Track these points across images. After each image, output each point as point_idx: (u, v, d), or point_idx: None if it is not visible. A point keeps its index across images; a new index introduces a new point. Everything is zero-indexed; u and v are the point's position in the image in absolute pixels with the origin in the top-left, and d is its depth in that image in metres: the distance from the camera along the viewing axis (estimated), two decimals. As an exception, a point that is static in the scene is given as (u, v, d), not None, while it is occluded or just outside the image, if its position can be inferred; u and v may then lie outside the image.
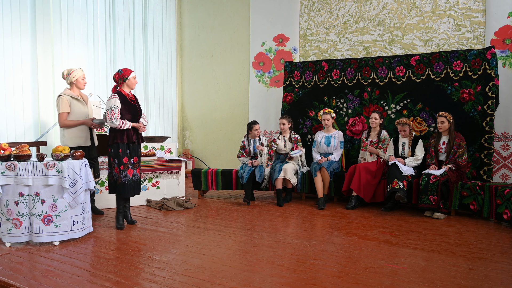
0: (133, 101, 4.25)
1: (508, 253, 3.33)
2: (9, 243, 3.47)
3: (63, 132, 4.47)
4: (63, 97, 4.44)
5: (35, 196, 3.46)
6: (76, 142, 4.48)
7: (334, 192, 5.48)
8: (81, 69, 4.58)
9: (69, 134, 4.46)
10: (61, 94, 4.46)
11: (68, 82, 4.53)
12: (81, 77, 4.53)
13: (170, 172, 5.64)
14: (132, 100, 4.25)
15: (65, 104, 4.41)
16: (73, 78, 4.48)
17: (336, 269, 2.93)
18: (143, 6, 7.66)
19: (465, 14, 5.87)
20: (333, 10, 6.89)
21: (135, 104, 4.26)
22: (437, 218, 4.57)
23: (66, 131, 4.46)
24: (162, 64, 8.13)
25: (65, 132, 4.46)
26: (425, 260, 3.14)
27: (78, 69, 4.55)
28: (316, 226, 4.29)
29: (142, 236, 3.83)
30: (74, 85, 4.52)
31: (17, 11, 5.62)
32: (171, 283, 2.64)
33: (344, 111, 6.00)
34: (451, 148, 4.77)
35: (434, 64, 5.40)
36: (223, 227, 4.19)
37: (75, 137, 4.48)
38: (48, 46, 5.99)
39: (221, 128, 8.29)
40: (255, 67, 7.62)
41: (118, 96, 4.09)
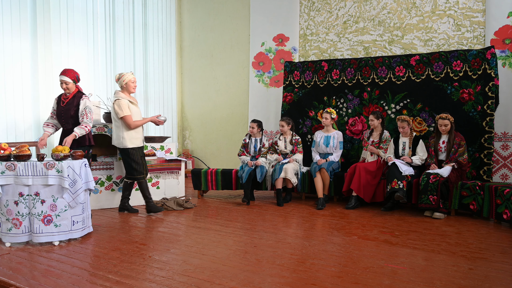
0: (62, 103, 4.31)
1: (508, 253, 3.33)
2: (9, 243, 3.47)
3: (122, 134, 4.58)
4: (122, 100, 4.57)
5: (35, 196, 3.46)
6: (135, 143, 4.65)
7: (334, 192, 5.48)
8: (132, 73, 4.71)
9: (128, 135, 4.60)
10: (119, 98, 4.57)
11: (119, 86, 4.66)
12: (131, 81, 4.65)
13: (170, 172, 5.64)
14: (63, 102, 4.31)
15: (126, 106, 4.56)
16: (123, 82, 4.61)
17: (336, 269, 2.93)
18: (143, 6, 7.66)
19: (465, 14, 5.87)
20: (333, 10, 6.88)
21: (62, 107, 4.30)
22: (437, 218, 4.57)
23: (125, 133, 4.58)
24: (162, 64, 8.13)
25: (125, 134, 4.58)
26: (425, 260, 3.14)
27: (128, 73, 4.68)
28: (316, 226, 4.29)
29: (142, 236, 3.83)
30: (124, 88, 4.65)
31: (17, 11, 5.63)
32: (171, 283, 2.64)
33: (344, 111, 6.00)
34: (451, 147, 4.77)
35: (434, 64, 5.40)
36: (223, 227, 4.19)
37: (134, 138, 4.64)
38: (48, 46, 5.99)
39: (221, 128, 8.29)
40: (255, 67, 7.62)
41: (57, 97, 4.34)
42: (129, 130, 4.62)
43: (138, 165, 4.69)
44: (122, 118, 4.58)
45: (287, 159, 5.52)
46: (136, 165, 4.68)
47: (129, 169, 4.72)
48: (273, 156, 5.64)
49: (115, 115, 4.63)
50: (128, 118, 4.58)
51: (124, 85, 4.64)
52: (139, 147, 4.72)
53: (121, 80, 4.62)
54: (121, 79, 4.63)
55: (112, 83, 7.02)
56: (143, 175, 4.74)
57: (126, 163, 4.71)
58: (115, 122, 4.68)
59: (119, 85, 4.68)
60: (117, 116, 4.60)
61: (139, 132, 4.73)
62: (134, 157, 4.66)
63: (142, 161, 4.73)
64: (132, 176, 4.73)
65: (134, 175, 4.71)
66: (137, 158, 4.68)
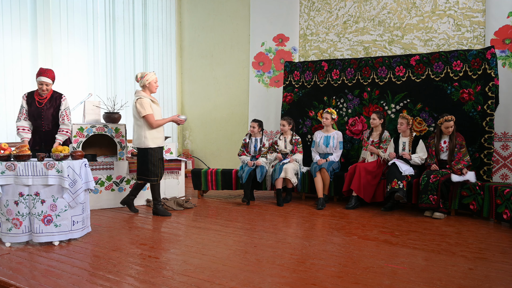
0: (39, 104, 4.26)
1: (508, 253, 3.33)
2: (9, 243, 3.47)
3: (144, 133, 4.56)
4: (144, 99, 4.54)
5: (35, 196, 3.46)
6: (157, 143, 4.63)
7: (334, 192, 5.48)
8: (154, 73, 4.68)
9: (150, 135, 4.58)
10: (140, 97, 4.55)
11: (141, 85, 4.64)
12: (154, 81, 4.64)
13: (170, 172, 5.64)
14: (40, 103, 4.26)
15: (148, 105, 4.54)
16: (146, 81, 4.59)
17: (336, 269, 2.93)
18: (143, 6, 7.66)
19: (465, 14, 5.86)
20: (333, 10, 6.88)
21: (41, 108, 4.26)
22: (437, 218, 4.57)
23: (147, 132, 4.56)
24: (162, 64, 8.13)
25: (147, 134, 4.56)
26: (425, 260, 3.14)
27: (151, 72, 4.66)
28: (316, 226, 4.29)
29: (142, 236, 3.83)
30: (147, 88, 4.62)
31: (17, 10, 5.63)
32: (171, 283, 2.64)
33: (344, 111, 6.00)
34: (453, 147, 4.77)
35: (434, 64, 5.40)
36: (223, 227, 4.19)
37: (156, 138, 4.63)
38: (48, 46, 5.99)
39: (221, 128, 8.29)
40: (255, 67, 7.62)
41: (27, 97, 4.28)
42: (151, 129, 4.59)
43: (154, 167, 4.65)
44: (144, 117, 4.54)
45: (288, 158, 5.52)
46: (152, 167, 4.63)
47: (144, 170, 4.67)
48: (272, 155, 5.64)
49: (136, 114, 4.60)
50: (150, 117, 4.55)
51: (147, 85, 4.61)
52: (160, 147, 4.70)
53: (145, 79, 4.59)
54: (144, 78, 4.59)
55: (112, 83, 7.02)
56: (157, 178, 4.70)
57: (143, 163, 4.65)
58: (136, 121, 4.63)
59: (140, 84, 4.64)
60: (139, 115, 4.57)
61: (161, 131, 4.69)
62: (152, 159, 4.63)
63: (159, 164, 4.70)
64: (146, 178, 4.68)
65: (148, 177, 4.66)
66: (155, 160, 4.65)
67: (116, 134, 5.25)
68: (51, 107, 4.32)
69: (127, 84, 7.33)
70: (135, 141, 4.65)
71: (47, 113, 4.29)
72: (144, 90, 4.64)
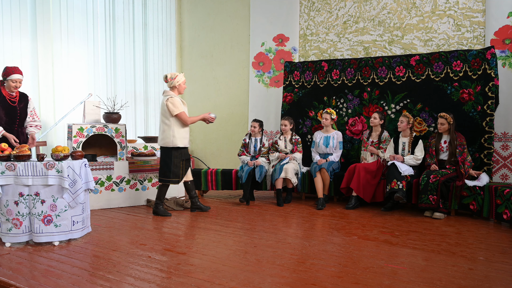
0: (13, 103, 4.25)
1: (508, 253, 3.33)
2: (9, 243, 3.47)
3: (173, 132, 4.61)
4: (175, 98, 4.62)
5: (35, 196, 3.46)
6: (184, 143, 4.70)
7: (334, 192, 5.48)
8: (183, 74, 4.77)
9: (179, 134, 4.64)
10: (171, 96, 4.62)
11: (170, 86, 4.70)
12: (183, 82, 4.73)
13: (170, 172, 5.63)
14: (13, 102, 4.25)
15: (180, 104, 4.63)
16: (177, 83, 4.68)
17: (336, 269, 2.93)
18: (143, 6, 7.66)
19: (465, 14, 5.86)
20: (333, 10, 6.88)
21: (15, 106, 4.27)
22: (437, 218, 4.57)
23: (176, 132, 4.62)
24: (162, 64, 8.13)
25: (176, 133, 4.62)
26: (425, 260, 3.14)
27: (181, 74, 4.74)
28: (316, 226, 4.29)
29: (142, 236, 3.83)
30: (176, 88, 4.70)
31: (17, 10, 5.63)
32: (171, 283, 2.64)
33: (344, 111, 6.00)
34: (454, 147, 4.77)
35: (434, 64, 5.40)
36: (223, 227, 4.19)
37: (183, 138, 4.70)
38: (48, 46, 5.99)
39: (221, 128, 8.29)
40: (255, 67, 7.62)
41: None
42: (181, 128, 4.65)
43: (177, 168, 4.69)
44: (177, 116, 4.60)
45: (288, 157, 5.51)
46: (174, 168, 4.68)
47: (166, 170, 4.69)
48: (274, 155, 5.63)
49: (167, 113, 4.63)
50: (183, 115, 4.63)
51: (176, 86, 4.69)
52: (185, 147, 4.76)
53: (176, 80, 4.66)
54: (175, 79, 4.66)
55: (112, 83, 7.01)
56: (178, 179, 4.73)
57: (166, 163, 4.68)
58: (165, 120, 4.66)
59: (170, 85, 4.70)
60: (170, 114, 4.61)
61: (188, 132, 4.78)
62: (175, 160, 4.67)
63: (182, 164, 4.73)
64: (167, 178, 4.70)
65: (169, 177, 4.69)
66: (178, 161, 4.69)
67: (116, 134, 5.25)
68: (23, 106, 4.40)
69: (127, 84, 7.33)
70: (162, 140, 4.69)
71: (22, 113, 4.37)
72: (172, 90, 4.72)
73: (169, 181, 4.71)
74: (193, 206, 4.96)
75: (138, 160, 5.41)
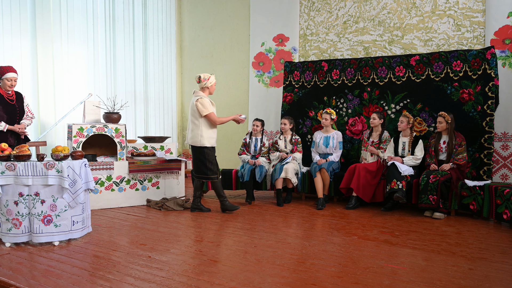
0: (11, 101, 4.46)
1: (508, 253, 3.33)
2: (9, 243, 3.47)
3: (201, 132, 4.68)
4: (204, 99, 4.70)
5: (34, 196, 3.46)
6: (212, 143, 4.79)
7: (334, 192, 5.48)
8: (214, 76, 4.85)
9: (207, 134, 4.72)
10: (201, 97, 4.70)
11: (201, 86, 4.78)
12: (214, 83, 4.82)
13: (170, 172, 5.63)
14: (11, 100, 4.47)
15: (209, 104, 4.70)
16: (209, 83, 4.76)
17: (336, 269, 2.93)
18: (143, 6, 7.66)
19: (465, 14, 5.86)
20: (333, 10, 6.88)
21: (14, 104, 4.49)
22: (437, 218, 4.57)
23: (204, 132, 4.70)
24: (162, 64, 8.13)
25: (204, 133, 4.70)
26: (425, 260, 3.14)
27: (212, 75, 4.82)
28: (316, 226, 4.29)
29: (142, 236, 3.83)
30: (207, 89, 4.78)
31: (17, 10, 5.63)
32: (171, 283, 2.64)
33: (344, 111, 6.00)
34: (452, 147, 4.77)
35: (434, 64, 5.40)
36: (223, 227, 4.19)
37: (211, 138, 4.78)
38: (48, 46, 5.99)
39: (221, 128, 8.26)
40: (255, 67, 7.62)
41: None
42: (209, 129, 4.73)
43: (213, 165, 4.76)
44: (207, 116, 4.68)
45: (290, 156, 5.50)
46: (210, 165, 4.75)
47: (203, 168, 4.76)
48: (275, 154, 5.63)
49: (196, 113, 4.70)
50: (213, 115, 4.71)
51: (208, 86, 4.78)
52: (213, 147, 4.82)
53: (208, 81, 4.75)
54: (208, 80, 4.75)
55: (112, 83, 7.02)
56: (217, 175, 4.80)
57: (201, 162, 4.76)
58: (194, 120, 4.73)
59: (201, 85, 4.77)
60: (199, 114, 4.67)
61: (215, 132, 4.85)
62: (209, 157, 4.75)
63: (216, 161, 4.82)
64: (206, 176, 4.78)
65: (208, 175, 4.77)
66: (212, 158, 4.77)
67: (116, 134, 5.25)
68: (20, 104, 4.61)
69: (127, 84, 7.33)
70: (191, 139, 4.77)
71: (21, 110, 4.60)
72: (203, 91, 4.79)
73: (208, 178, 4.78)
74: (193, 206, 4.96)
75: (138, 160, 5.42)
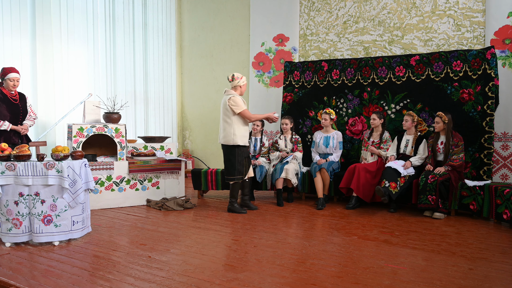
0: (15, 101, 4.55)
1: (508, 253, 3.33)
2: (9, 243, 3.47)
3: (234, 131, 4.71)
4: (236, 97, 4.74)
5: (35, 196, 3.46)
6: (244, 141, 4.79)
7: (334, 192, 5.48)
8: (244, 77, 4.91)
9: (239, 133, 4.75)
10: (233, 95, 4.74)
11: (233, 85, 4.83)
12: (245, 83, 4.91)
13: (170, 172, 5.63)
14: (14, 100, 4.56)
15: (241, 102, 4.77)
16: (242, 83, 4.83)
17: (336, 269, 2.93)
18: (143, 6, 7.66)
19: (465, 14, 5.86)
20: (333, 10, 6.88)
21: (18, 104, 4.59)
22: (437, 218, 4.57)
23: (237, 130, 4.73)
24: (162, 64, 8.13)
25: (236, 131, 4.72)
26: (425, 260, 3.14)
27: (244, 77, 4.89)
28: (316, 226, 4.29)
29: (142, 236, 3.83)
30: (239, 88, 4.85)
31: (17, 10, 5.63)
32: (171, 283, 2.64)
33: (344, 111, 6.00)
34: (449, 148, 4.77)
35: (434, 64, 5.40)
36: (223, 227, 4.19)
37: (244, 136, 4.79)
38: (48, 46, 5.99)
39: (221, 128, 8.29)
40: (255, 67, 7.62)
41: None
42: (241, 127, 4.74)
43: (241, 165, 4.78)
44: (241, 113, 4.71)
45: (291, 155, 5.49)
46: (239, 166, 4.77)
47: (231, 168, 4.79)
48: (275, 154, 5.64)
49: (229, 112, 4.73)
50: (247, 112, 4.75)
51: (241, 85, 4.83)
52: (245, 146, 4.82)
53: (241, 81, 4.82)
54: (240, 80, 4.80)
55: (112, 83, 7.01)
56: (242, 176, 4.82)
57: (229, 162, 4.79)
58: (226, 119, 4.75)
59: (233, 84, 4.82)
60: (233, 112, 4.70)
61: (247, 130, 4.87)
62: (239, 157, 4.76)
63: (245, 162, 4.83)
64: (232, 176, 4.80)
65: (234, 175, 4.79)
66: (241, 159, 4.78)
67: (116, 134, 5.25)
68: (23, 104, 4.70)
69: (127, 84, 7.33)
70: (223, 138, 4.80)
71: (25, 110, 4.69)
72: (234, 90, 4.83)
73: (233, 179, 4.81)
74: (242, 204, 5.05)
75: (138, 160, 5.42)
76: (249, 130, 4.93)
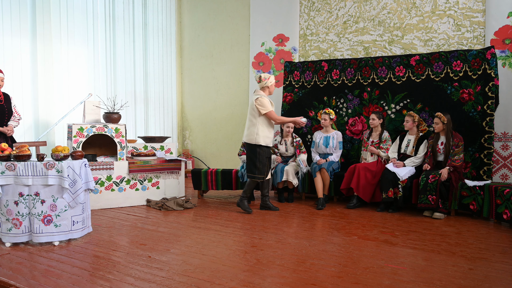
0: (0, 101, 4.50)
1: (508, 253, 3.33)
2: (9, 243, 3.47)
3: (257, 131, 4.75)
4: (264, 98, 4.76)
5: (35, 196, 3.46)
6: (267, 142, 4.82)
7: (334, 192, 5.48)
8: (273, 77, 4.91)
9: (263, 133, 4.78)
10: (261, 96, 4.76)
11: (261, 86, 4.85)
12: (274, 84, 4.92)
13: (170, 172, 5.64)
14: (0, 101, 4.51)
15: (268, 103, 4.80)
16: (270, 83, 4.85)
17: (336, 269, 2.93)
18: (143, 6, 7.66)
19: (465, 14, 5.86)
20: (333, 10, 6.88)
21: (3, 104, 4.53)
22: (437, 218, 4.57)
23: (261, 130, 4.76)
24: (162, 64, 8.13)
25: (260, 132, 4.75)
26: (425, 260, 3.14)
27: (272, 76, 4.90)
28: (316, 226, 4.29)
29: (142, 236, 3.83)
30: (267, 89, 4.87)
31: (17, 10, 5.63)
32: (171, 283, 2.64)
33: (344, 111, 6.00)
34: (449, 148, 4.77)
35: (434, 64, 5.40)
36: (223, 227, 4.19)
37: (267, 137, 4.82)
38: (48, 46, 5.99)
39: (221, 128, 8.29)
40: (255, 67, 7.62)
41: None
42: (266, 128, 4.77)
43: (262, 165, 4.80)
44: (266, 114, 4.74)
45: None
46: (260, 165, 4.79)
47: (251, 167, 4.83)
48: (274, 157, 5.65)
49: (255, 112, 4.76)
50: (273, 114, 4.78)
51: (269, 86, 4.85)
52: (268, 147, 4.84)
53: (268, 81, 4.83)
54: (268, 80, 4.82)
55: (112, 83, 7.02)
56: (263, 176, 4.84)
57: (251, 160, 4.82)
58: (252, 118, 4.80)
59: (261, 85, 4.85)
60: (258, 113, 4.74)
61: (272, 132, 4.89)
62: (260, 157, 4.79)
63: (266, 162, 4.84)
64: (253, 175, 4.83)
65: (255, 174, 4.82)
66: (263, 159, 4.80)
67: (116, 134, 5.25)
68: (8, 103, 4.65)
69: (127, 84, 7.33)
70: (246, 136, 4.84)
71: (10, 110, 4.63)
72: (263, 90, 4.85)
73: (254, 177, 4.83)
74: (262, 205, 5.05)
75: (138, 160, 5.42)
76: (273, 132, 4.95)
